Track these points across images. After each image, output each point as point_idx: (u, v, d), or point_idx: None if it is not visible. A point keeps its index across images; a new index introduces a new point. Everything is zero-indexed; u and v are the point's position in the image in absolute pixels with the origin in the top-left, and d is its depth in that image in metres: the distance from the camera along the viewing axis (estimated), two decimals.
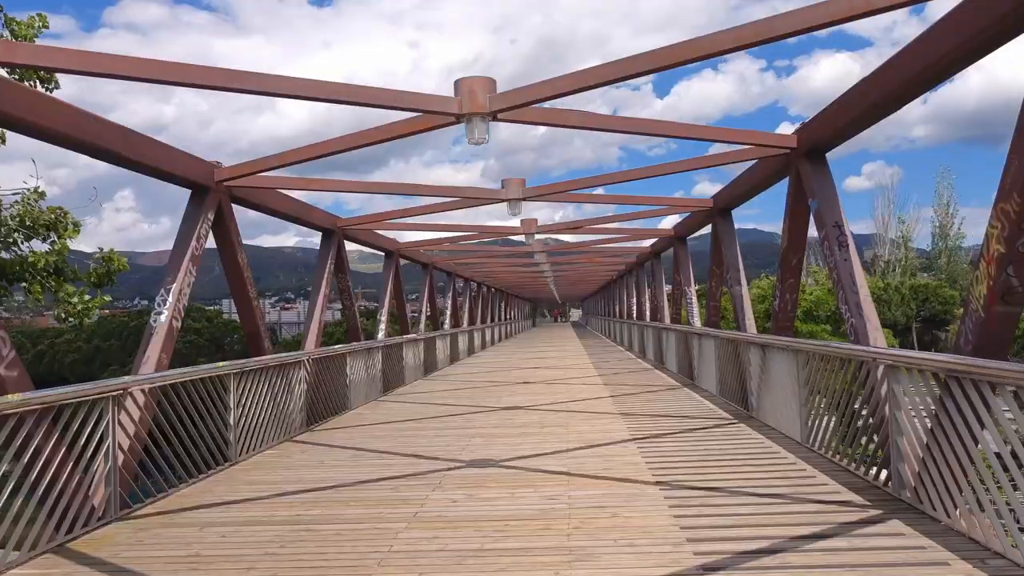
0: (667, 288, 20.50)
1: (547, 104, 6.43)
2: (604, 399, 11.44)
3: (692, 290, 14.84)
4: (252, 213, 11.99)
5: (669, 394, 11.82)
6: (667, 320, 18.22)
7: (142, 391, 6.04)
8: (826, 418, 6.52)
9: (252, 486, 6.41)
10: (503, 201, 10.47)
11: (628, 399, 11.31)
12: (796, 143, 7.55)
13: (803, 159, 7.43)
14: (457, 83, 5.89)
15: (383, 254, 17.95)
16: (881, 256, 64.30)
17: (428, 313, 20.65)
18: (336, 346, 11.32)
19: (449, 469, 6.76)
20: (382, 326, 14.96)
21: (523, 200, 10.33)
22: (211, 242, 8.23)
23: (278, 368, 8.73)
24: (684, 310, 15.08)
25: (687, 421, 8.98)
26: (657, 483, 5.91)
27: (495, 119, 6.29)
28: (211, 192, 7.75)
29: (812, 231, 8.33)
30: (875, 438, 5.71)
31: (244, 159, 8.99)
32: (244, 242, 8.85)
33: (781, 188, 10.20)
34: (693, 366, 12.99)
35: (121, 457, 5.65)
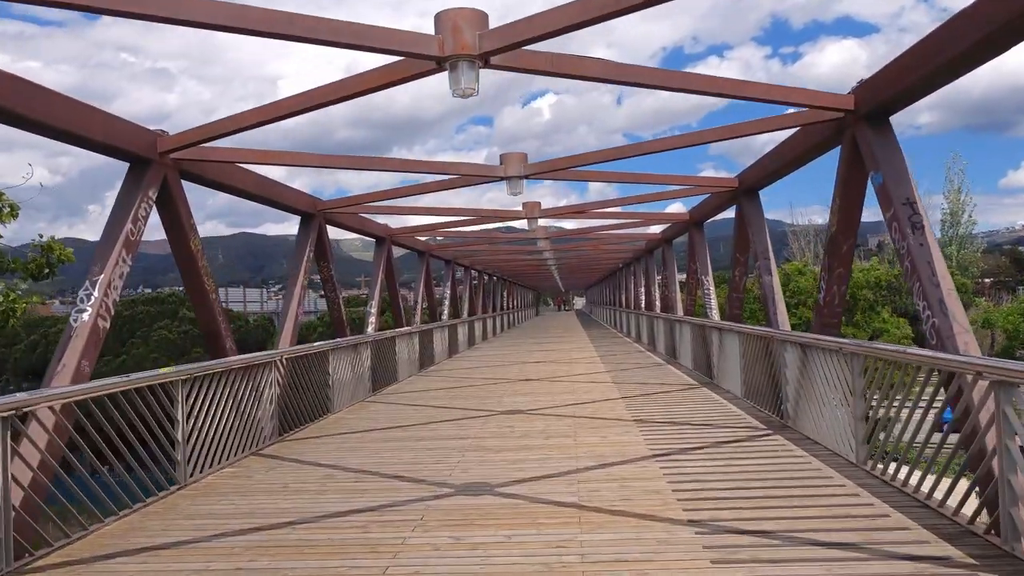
0: (679, 277, 19.32)
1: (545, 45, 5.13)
2: (615, 401, 10.28)
3: (710, 279, 13.62)
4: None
5: (687, 395, 10.65)
6: (680, 311, 17.04)
7: (51, 409, 4.88)
8: (895, 439, 5.34)
9: (193, 521, 5.26)
10: (502, 179, 9.21)
11: (642, 401, 10.15)
12: (853, 104, 6.31)
13: (862, 124, 6.20)
14: (438, 17, 4.56)
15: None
16: (889, 244, 62.83)
17: (425, 304, 19.49)
18: (316, 343, 10.15)
19: (435, 497, 5.61)
20: (372, 319, 13.79)
21: (524, 178, 9.05)
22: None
23: (243, 371, 7.57)
24: (700, 301, 13.88)
25: (713, 431, 7.81)
26: (690, 522, 4.76)
27: (486, 64, 5.01)
28: (153, 166, 6.54)
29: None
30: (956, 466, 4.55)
31: (247, 147, 7.85)
32: (246, 230, 8.05)
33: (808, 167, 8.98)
34: (712, 363, 11.81)
35: (20, 494, 4.51)
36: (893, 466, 5.37)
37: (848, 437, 6.07)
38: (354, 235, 15.18)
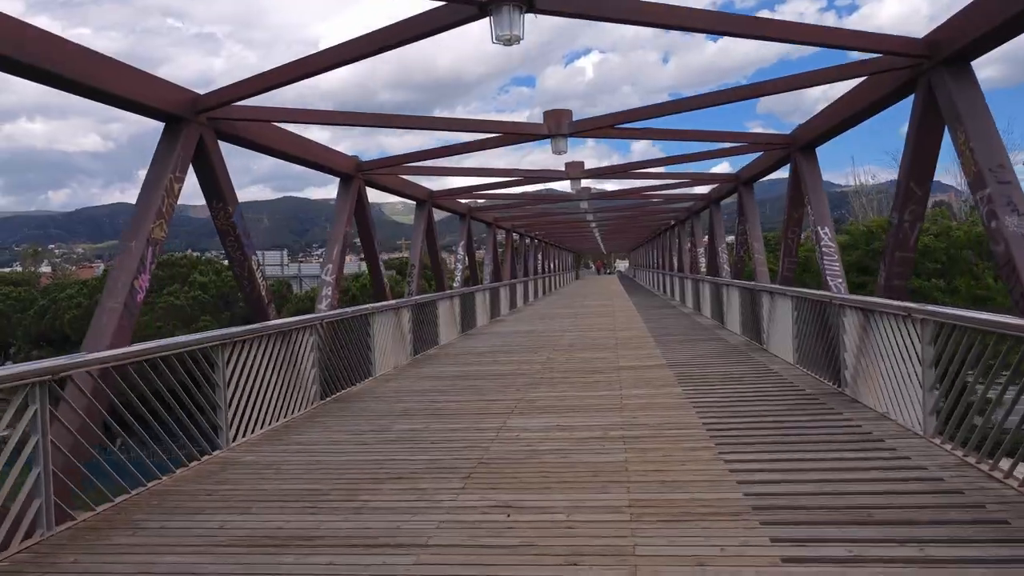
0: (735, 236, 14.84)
1: None
2: (693, 432, 6.07)
3: (829, 230, 9.10)
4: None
5: (810, 422, 6.34)
6: (763, 277, 12.63)
7: None
8: None
9: None
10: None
11: (740, 436, 5.90)
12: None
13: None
14: None
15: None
16: (967, 201, 56.95)
17: (418, 265, 15.35)
18: (191, 336, 6.00)
19: None
20: (328, 291, 9.67)
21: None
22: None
23: None
24: (816, 263, 9.45)
25: (939, 547, 3.53)
26: None
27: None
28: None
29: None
30: None
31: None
32: (291, 194, 7.30)
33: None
34: (842, 361, 7.45)
35: None
36: None
37: None
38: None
